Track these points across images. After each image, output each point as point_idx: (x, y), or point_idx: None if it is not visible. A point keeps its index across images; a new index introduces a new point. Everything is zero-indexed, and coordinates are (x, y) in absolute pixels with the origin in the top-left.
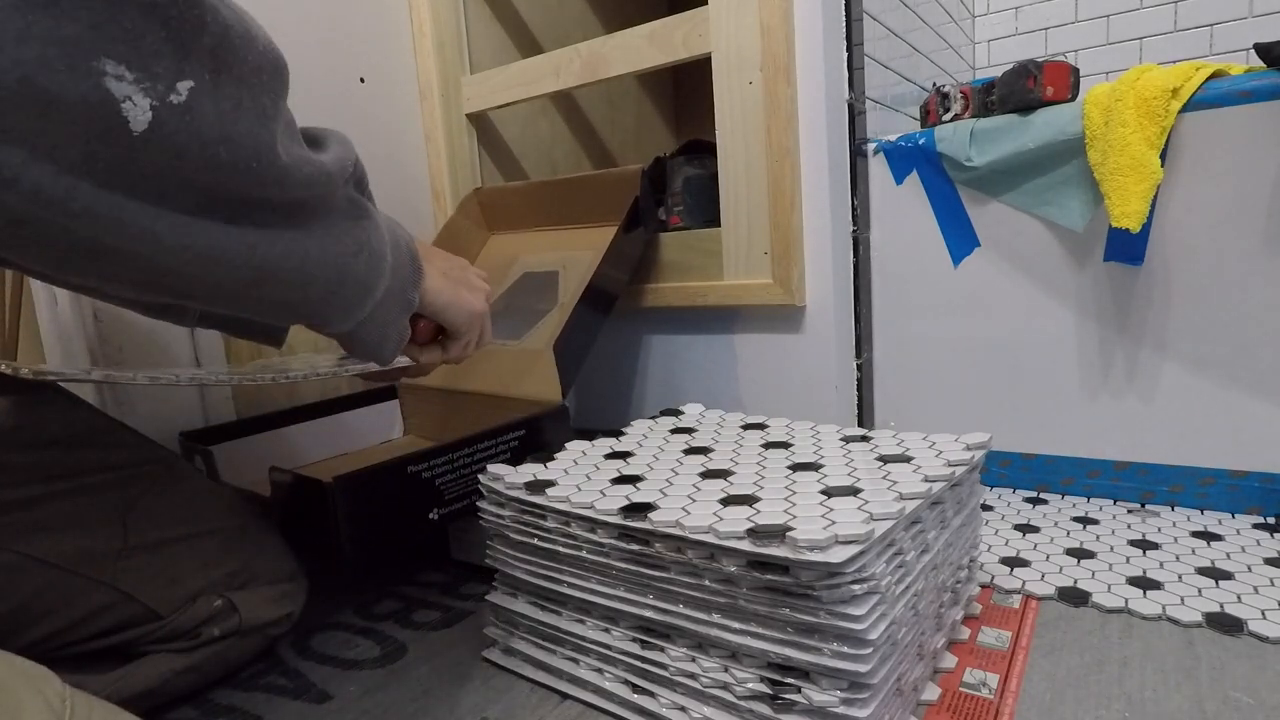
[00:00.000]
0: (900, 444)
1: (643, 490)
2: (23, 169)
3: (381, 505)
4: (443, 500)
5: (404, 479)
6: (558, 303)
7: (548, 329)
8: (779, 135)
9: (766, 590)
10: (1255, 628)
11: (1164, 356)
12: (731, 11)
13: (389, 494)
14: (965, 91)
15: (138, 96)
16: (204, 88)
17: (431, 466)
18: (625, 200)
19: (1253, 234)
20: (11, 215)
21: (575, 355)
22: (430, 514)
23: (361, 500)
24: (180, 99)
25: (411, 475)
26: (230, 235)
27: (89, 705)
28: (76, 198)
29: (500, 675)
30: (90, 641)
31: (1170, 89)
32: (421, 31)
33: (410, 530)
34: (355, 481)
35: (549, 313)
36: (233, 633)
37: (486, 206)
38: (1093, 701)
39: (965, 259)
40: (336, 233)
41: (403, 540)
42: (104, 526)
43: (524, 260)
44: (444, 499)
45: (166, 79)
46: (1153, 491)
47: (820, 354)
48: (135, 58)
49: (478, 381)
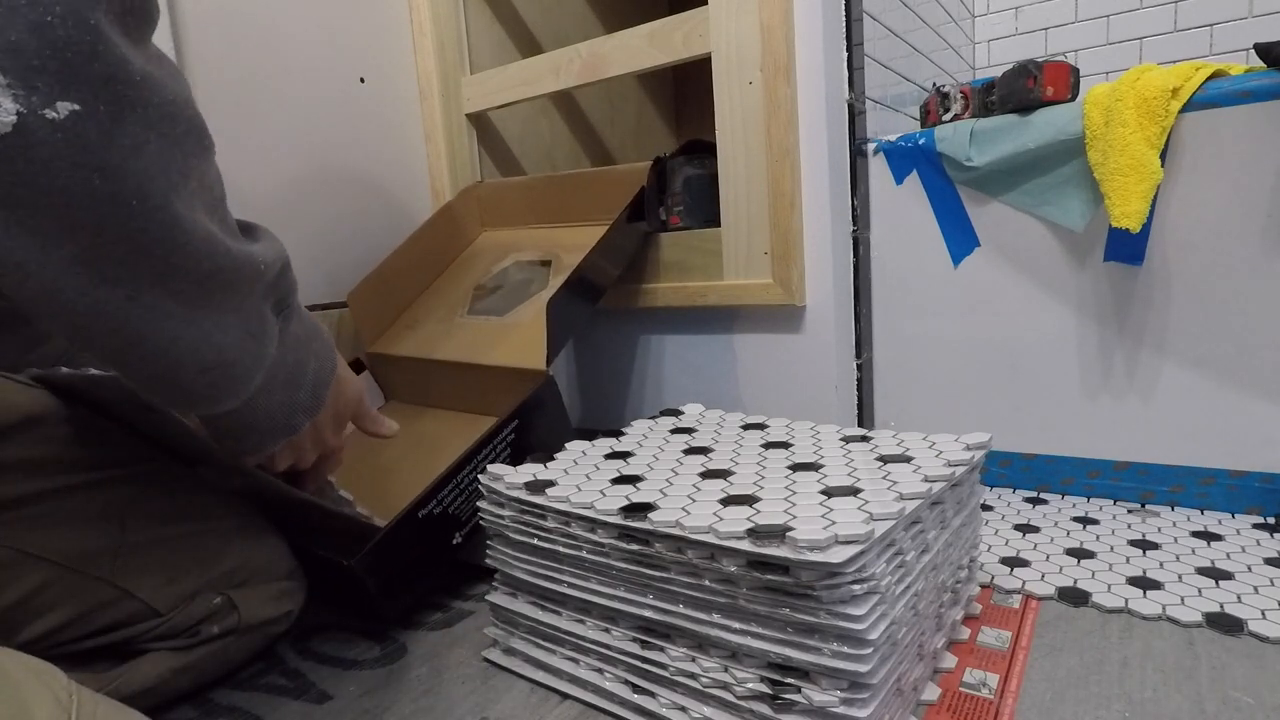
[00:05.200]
0: (900, 444)
1: (643, 490)
2: None
3: (404, 557)
4: (460, 523)
5: (417, 525)
6: (546, 285)
7: (534, 306)
8: (779, 135)
9: (766, 590)
10: (1255, 628)
11: (1164, 356)
12: (731, 11)
13: (408, 545)
14: (965, 91)
15: (6, 100)
16: (95, 116)
17: (440, 501)
18: (628, 198)
19: (1253, 234)
20: None
21: (561, 331)
22: (453, 540)
23: (385, 565)
24: (57, 116)
25: (425, 519)
26: (74, 274)
27: (94, 701)
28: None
29: (500, 675)
30: (89, 639)
31: (1170, 89)
32: (421, 31)
33: (437, 563)
34: (375, 555)
35: (536, 295)
36: (232, 631)
37: (484, 201)
38: (1093, 701)
39: (965, 259)
40: (229, 329)
41: (432, 573)
42: (102, 523)
43: (516, 255)
44: (461, 521)
45: (45, 94)
46: (1153, 491)
47: (820, 354)
48: (14, 66)
49: (453, 352)
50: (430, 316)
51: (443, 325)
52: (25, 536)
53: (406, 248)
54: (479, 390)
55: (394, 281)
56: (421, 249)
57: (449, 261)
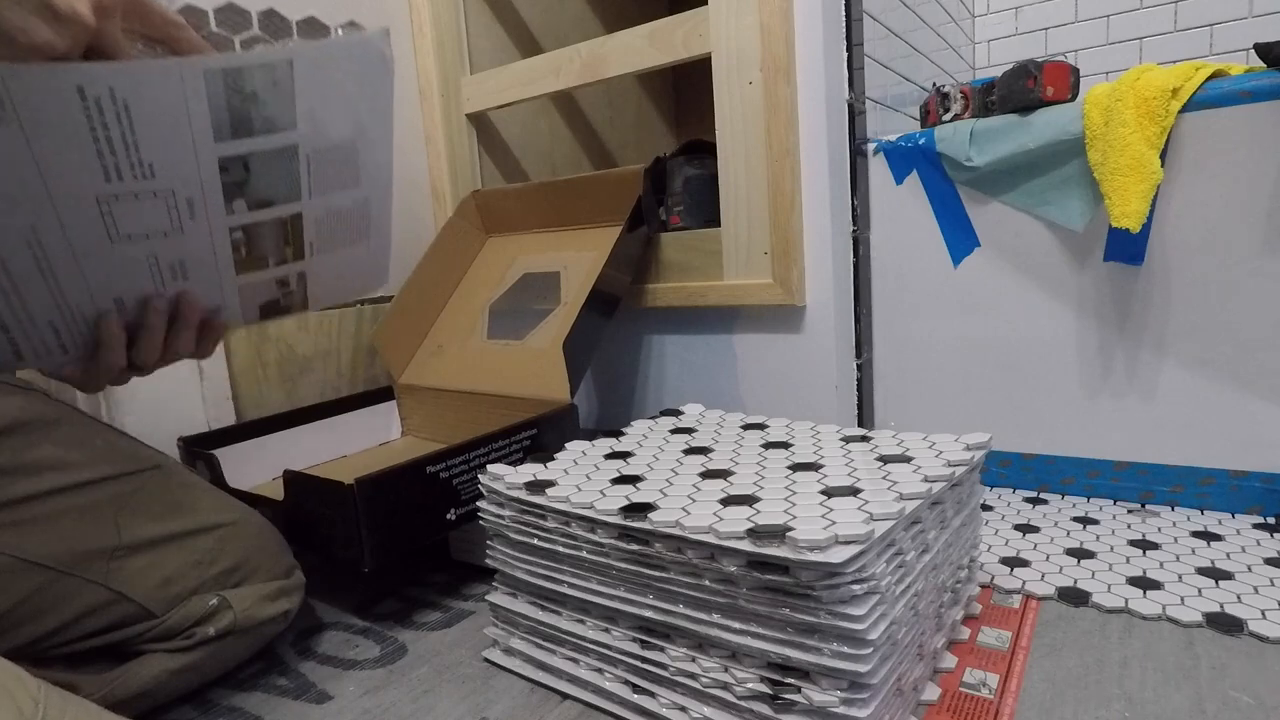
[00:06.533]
0: (900, 444)
1: (643, 490)
2: None
3: (401, 506)
4: (459, 500)
5: (423, 479)
6: (560, 302)
7: (551, 329)
8: (779, 135)
9: (766, 590)
10: (1255, 628)
11: (1164, 356)
12: (731, 11)
13: (408, 495)
14: (965, 91)
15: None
16: None
17: (448, 467)
18: (625, 200)
19: (1253, 234)
20: None
21: (581, 355)
22: (448, 514)
23: (382, 501)
24: None
25: (430, 476)
26: None
27: (63, 706)
28: None
29: (500, 675)
30: (84, 640)
31: (1170, 89)
32: (421, 31)
33: (428, 530)
34: (376, 483)
35: (551, 313)
36: (228, 631)
37: (484, 209)
38: (1093, 701)
39: (965, 259)
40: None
41: (421, 540)
42: (96, 526)
43: (522, 261)
44: (460, 499)
45: None
46: (1153, 491)
47: (820, 354)
48: None
49: (479, 381)
50: (451, 340)
51: (465, 351)
52: (17, 541)
53: (419, 273)
54: (501, 421)
55: (414, 310)
56: (434, 270)
57: (460, 276)
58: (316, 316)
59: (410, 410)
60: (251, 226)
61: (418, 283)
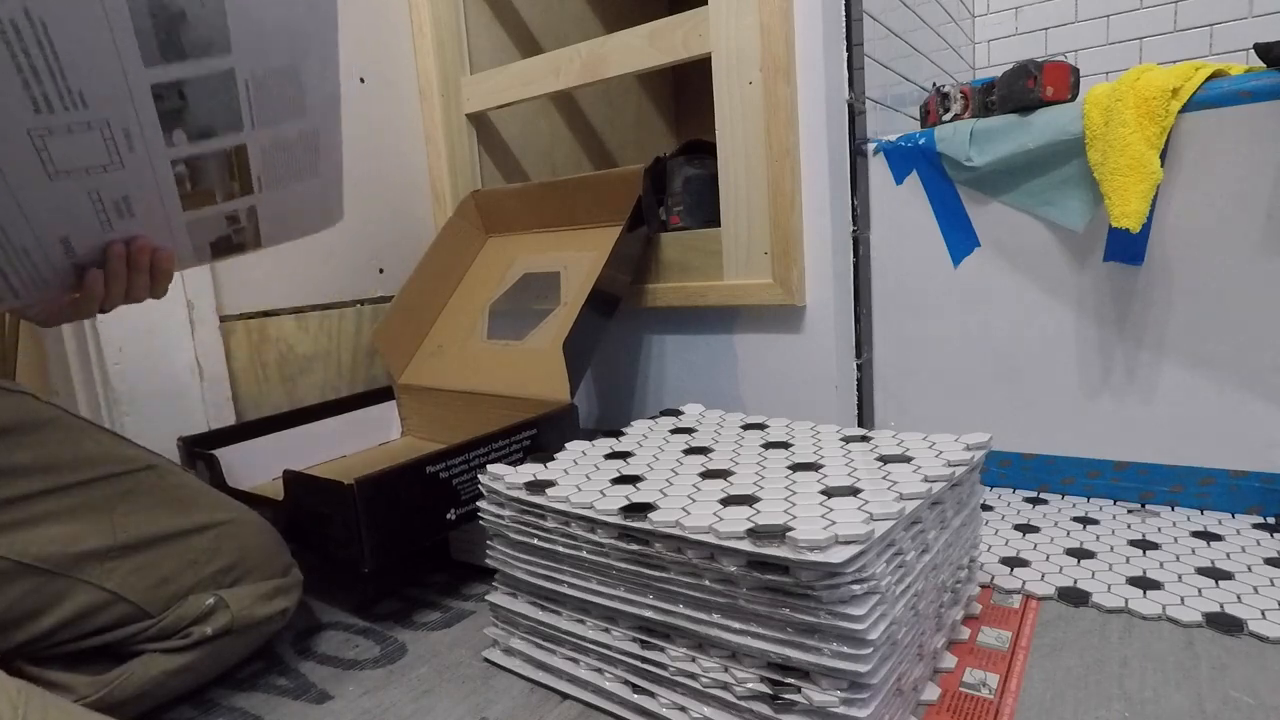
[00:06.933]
0: (900, 444)
1: (643, 490)
2: None
3: (401, 506)
4: (459, 500)
5: (423, 479)
6: (560, 303)
7: (551, 329)
8: (779, 135)
9: (766, 590)
10: (1255, 628)
11: (1164, 356)
12: (731, 11)
13: (408, 495)
14: (965, 91)
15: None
16: None
17: (449, 467)
18: (625, 200)
19: (1253, 234)
20: None
21: (581, 355)
22: (448, 514)
23: (382, 501)
24: None
25: (430, 476)
26: None
27: (43, 708)
28: None
29: (500, 675)
30: (81, 641)
31: (1170, 89)
32: (421, 31)
33: (428, 530)
34: (376, 483)
35: (551, 313)
36: (226, 631)
37: (484, 209)
38: (1093, 701)
39: (965, 259)
40: None
41: (421, 540)
42: (90, 526)
43: (522, 261)
44: (460, 499)
45: None
46: (1153, 491)
47: (820, 354)
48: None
49: (478, 381)
50: (451, 340)
51: (465, 351)
52: (11, 543)
53: (419, 273)
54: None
55: (414, 310)
56: (434, 270)
57: (460, 276)
58: (316, 317)
59: (410, 410)
60: (194, 160)
61: (418, 283)
